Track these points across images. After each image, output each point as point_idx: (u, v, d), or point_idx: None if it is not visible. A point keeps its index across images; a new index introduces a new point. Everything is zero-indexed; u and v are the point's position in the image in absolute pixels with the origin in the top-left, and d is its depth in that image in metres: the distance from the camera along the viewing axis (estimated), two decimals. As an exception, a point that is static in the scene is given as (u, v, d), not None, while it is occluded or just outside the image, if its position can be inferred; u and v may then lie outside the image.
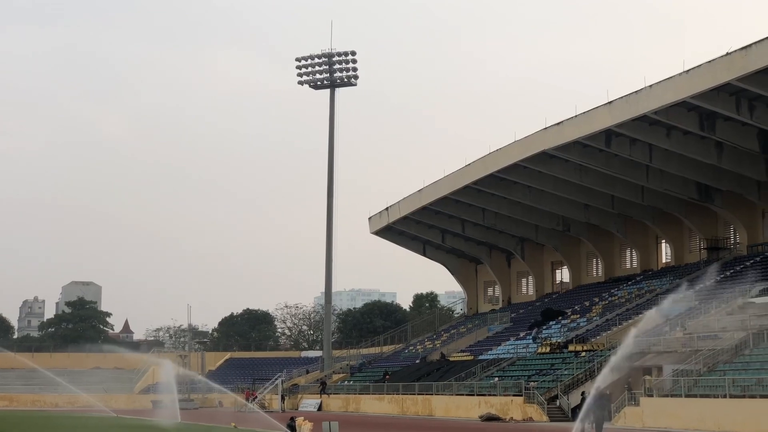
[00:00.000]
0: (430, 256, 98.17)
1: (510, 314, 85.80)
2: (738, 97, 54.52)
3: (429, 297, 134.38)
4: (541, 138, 66.79)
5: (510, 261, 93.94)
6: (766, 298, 56.60)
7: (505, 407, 57.92)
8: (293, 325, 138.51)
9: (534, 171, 71.38)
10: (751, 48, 49.86)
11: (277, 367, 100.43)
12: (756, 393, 42.56)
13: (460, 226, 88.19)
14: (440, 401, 65.62)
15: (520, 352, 69.38)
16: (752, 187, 65.79)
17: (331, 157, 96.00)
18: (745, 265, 66.66)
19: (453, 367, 72.48)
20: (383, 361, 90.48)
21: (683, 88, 54.58)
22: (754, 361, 46.87)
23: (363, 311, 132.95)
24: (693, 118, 57.96)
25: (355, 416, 67.17)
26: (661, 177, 67.27)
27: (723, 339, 51.54)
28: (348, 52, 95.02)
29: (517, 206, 79.66)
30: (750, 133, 58.56)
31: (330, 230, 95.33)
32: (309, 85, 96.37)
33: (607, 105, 60.38)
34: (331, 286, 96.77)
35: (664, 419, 45.96)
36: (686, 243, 75.87)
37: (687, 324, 57.47)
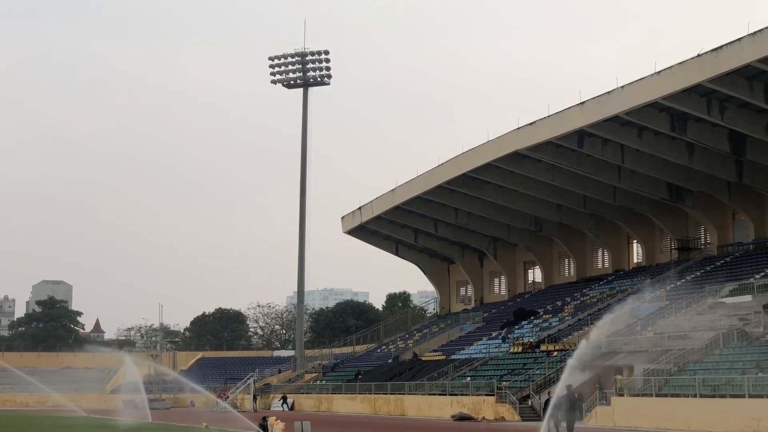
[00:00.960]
0: (403, 256, 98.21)
1: (482, 314, 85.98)
2: (709, 98, 54.87)
3: (402, 296, 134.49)
4: (514, 138, 66.97)
5: (482, 261, 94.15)
6: (735, 298, 57.00)
7: (477, 407, 58.01)
8: (266, 325, 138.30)
9: (507, 171, 71.56)
10: (722, 50, 50.18)
11: (249, 366, 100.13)
12: (726, 393, 42.83)
13: (433, 225, 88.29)
14: (412, 401, 65.65)
15: (493, 352, 69.53)
16: (723, 187, 66.23)
17: (304, 157, 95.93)
18: (716, 265, 67.14)
19: (425, 367, 72.53)
20: (356, 361, 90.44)
21: (655, 89, 54.89)
22: (724, 361, 47.18)
23: (335, 311, 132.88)
24: (664, 119, 58.29)
25: (328, 416, 67.08)
26: (632, 177, 67.62)
27: (693, 339, 51.84)
28: (321, 51, 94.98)
29: (490, 206, 79.84)
30: (721, 134, 58.95)
31: (303, 229, 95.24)
32: (282, 85, 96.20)
33: (579, 105, 60.62)
34: (303, 286, 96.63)
35: (635, 418, 46.17)
36: (657, 243, 76.31)
37: (658, 324, 57.81)
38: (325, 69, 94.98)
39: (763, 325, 49.89)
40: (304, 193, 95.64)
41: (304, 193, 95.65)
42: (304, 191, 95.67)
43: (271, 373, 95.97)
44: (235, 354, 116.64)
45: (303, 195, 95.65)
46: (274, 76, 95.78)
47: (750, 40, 48.51)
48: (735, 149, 59.78)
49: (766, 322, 50.16)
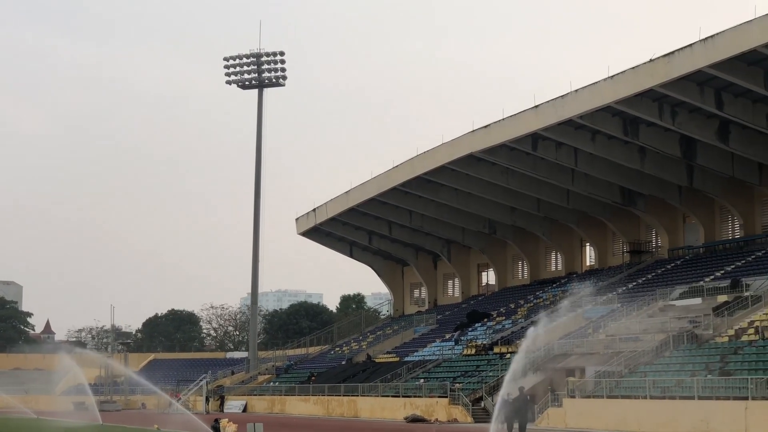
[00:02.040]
0: (357, 258, 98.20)
1: (436, 316, 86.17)
2: (661, 103, 55.45)
3: (355, 298, 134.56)
4: (469, 141, 67.21)
5: (436, 263, 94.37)
6: (686, 300, 57.63)
7: (431, 409, 58.11)
8: (219, 326, 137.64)
9: (461, 173, 71.80)
10: (673, 55, 50.75)
11: (201, 368, 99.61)
12: (676, 394, 43.27)
13: (387, 227, 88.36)
14: (366, 402, 65.63)
15: (446, 354, 69.70)
16: (674, 191, 66.94)
17: (259, 158, 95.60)
18: (666, 268, 67.83)
19: (379, 369, 72.57)
20: (309, 363, 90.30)
21: (608, 93, 55.37)
22: (674, 363, 47.67)
23: (289, 312, 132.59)
24: (617, 123, 58.80)
25: (281, 417, 66.89)
26: (585, 181, 68.14)
27: (644, 341, 52.34)
28: (276, 52, 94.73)
29: (444, 208, 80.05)
30: (672, 138, 59.57)
31: (257, 231, 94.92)
32: (237, 85, 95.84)
33: (533, 109, 60.98)
34: (257, 287, 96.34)
35: (587, 420, 46.50)
36: (610, 246, 76.95)
37: (609, 326, 58.30)
38: (281, 70, 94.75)
39: (713, 328, 50.50)
40: (259, 194, 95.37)
41: (258, 194, 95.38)
42: (258, 192, 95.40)
43: (224, 375, 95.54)
44: (187, 355, 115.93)
45: (257, 196, 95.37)
46: (229, 76, 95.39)
47: (701, 45, 49.09)
48: (686, 154, 60.45)
49: (715, 324, 50.79)
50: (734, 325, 49.96)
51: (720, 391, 41.37)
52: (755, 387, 39.56)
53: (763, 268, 57.98)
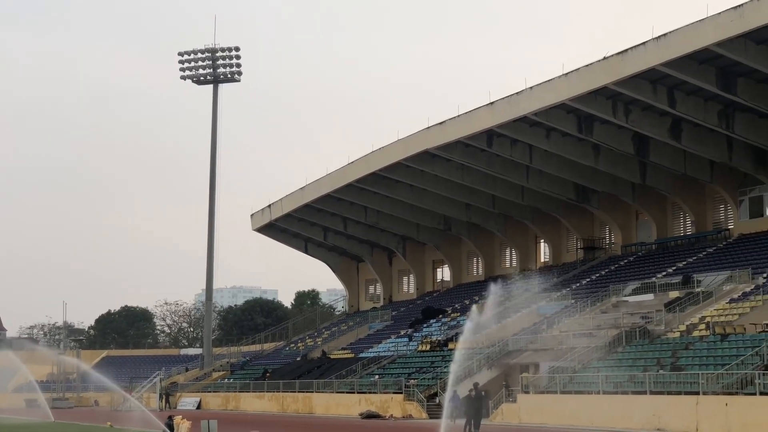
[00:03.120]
0: (312, 254, 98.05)
1: (391, 312, 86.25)
2: (614, 100, 55.85)
3: (311, 294, 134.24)
4: (424, 137, 67.32)
5: (391, 259, 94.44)
6: (638, 296, 58.16)
7: (386, 405, 58.18)
8: (173, 323, 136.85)
9: (416, 170, 71.90)
10: (627, 53, 51.13)
11: (155, 365, 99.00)
12: (628, 389, 43.64)
13: (343, 224, 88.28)
14: (321, 399, 65.58)
15: (401, 350, 69.79)
16: (627, 188, 67.49)
17: (214, 154, 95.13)
18: (620, 264, 68.40)
19: (334, 365, 72.51)
20: (264, 359, 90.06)
21: (562, 90, 55.68)
22: (626, 359, 48.07)
23: (244, 308, 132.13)
24: (572, 120, 59.16)
25: (235, 414, 66.65)
26: (540, 177, 68.50)
27: (597, 337, 52.74)
28: (231, 47, 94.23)
29: (399, 205, 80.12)
30: (626, 136, 60.03)
31: (212, 227, 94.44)
32: (192, 81, 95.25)
33: (488, 105, 61.20)
34: (212, 283, 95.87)
35: (540, 415, 46.77)
36: (564, 243, 77.45)
37: (563, 322, 58.69)
38: (236, 66, 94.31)
39: (665, 323, 51.01)
40: (213, 190, 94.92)
41: (213, 190, 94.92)
42: (213, 188, 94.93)
43: (178, 372, 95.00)
44: (141, 352, 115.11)
45: (212, 192, 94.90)
46: (184, 72, 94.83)
47: (654, 44, 49.52)
48: (639, 151, 60.96)
49: (667, 320, 51.30)
50: (685, 321, 50.50)
51: (671, 386, 41.79)
52: (706, 382, 40.01)
53: (713, 264, 58.66)
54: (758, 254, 57.13)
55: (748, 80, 50.95)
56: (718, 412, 38.49)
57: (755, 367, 39.64)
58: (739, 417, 37.40)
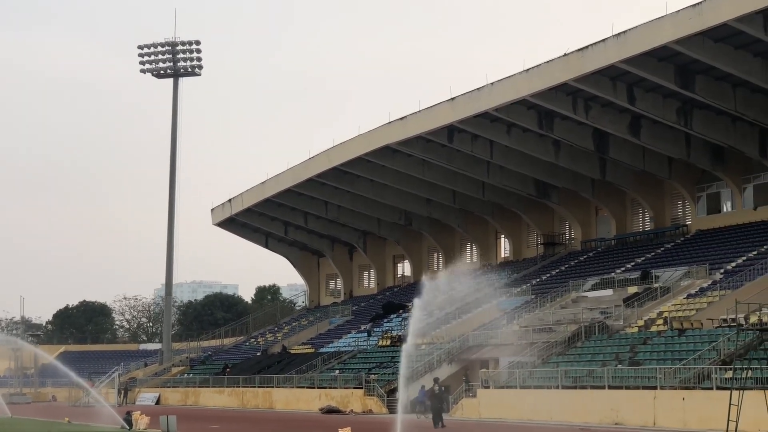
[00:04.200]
0: (273, 249, 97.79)
1: (351, 307, 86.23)
2: (575, 97, 56.15)
3: (271, 289, 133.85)
4: (385, 132, 67.31)
5: (352, 254, 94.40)
6: (597, 292, 58.56)
7: (346, 400, 58.18)
8: (132, 318, 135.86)
9: (377, 165, 71.89)
10: (587, 50, 51.41)
11: (114, 360, 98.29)
12: (587, 384, 43.95)
13: (303, 218, 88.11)
14: (281, 394, 65.45)
15: (361, 345, 69.80)
16: (587, 184, 67.89)
17: (174, 148, 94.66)
18: (579, 260, 68.81)
19: (294, 360, 72.39)
20: (224, 354, 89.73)
21: (523, 86, 55.88)
22: (585, 353, 48.40)
23: (204, 303, 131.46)
24: (532, 116, 59.38)
25: (194, 410, 66.38)
26: (501, 173, 68.73)
27: (556, 332, 53.06)
28: (192, 41, 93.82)
29: (360, 200, 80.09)
30: (585, 132, 60.36)
31: (171, 221, 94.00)
32: (152, 74, 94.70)
33: (450, 101, 61.29)
34: (171, 278, 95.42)
35: (500, 410, 46.96)
36: (524, 238, 77.78)
37: (523, 317, 58.97)
38: (196, 59, 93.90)
39: (623, 319, 51.41)
40: (174, 185, 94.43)
41: (173, 185, 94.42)
42: (173, 182, 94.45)
43: (137, 367, 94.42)
44: (99, 347, 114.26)
45: (172, 186, 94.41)
46: (144, 65, 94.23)
47: (614, 41, 49.82)
48: (599, 147, 61.33)
49: (626, 315, 51.70)
50: (644, 316, 50.94)
51: (629, 380, 42.13)
52: (663, 377, 40.37)
53: (672, 260, 59.20)
54: (715, 250, 57.73)
55: (706, 78, 51.41)
56: (675, 407, 38.86)
57: (712, 361, 40.05)
58: (695, 411, 37.78)
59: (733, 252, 55.91)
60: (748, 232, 58.33)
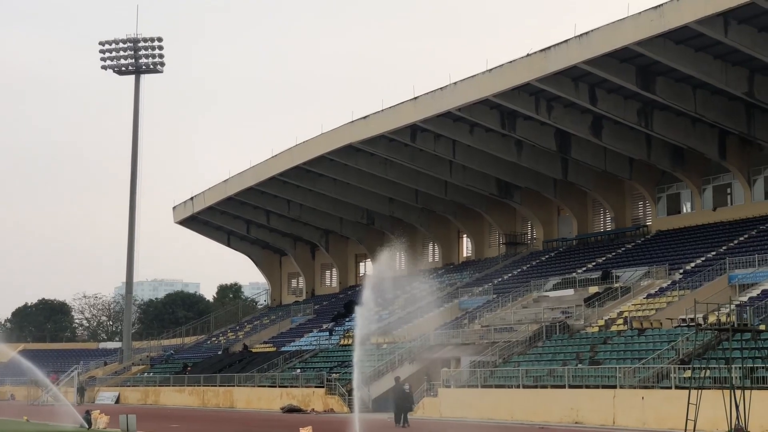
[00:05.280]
0: (235, 247, 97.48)
1: (313, 306, 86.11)
2: (537, 97, 56.38)
3: (233, 288, 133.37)
4: (348, 131, 67.24)
5: (314, 253, 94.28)
6: (559, 291, 58.82)
7: (307, 399, 58.06)
8: (92, 316, 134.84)
9: (340, 164, 71.81)
10: (550, 50, 51.63)
11: (73, 359, 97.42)
12: (547, 383, 44.13)
13: (266, 217, 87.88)
14: (242, 393, 65.20)
15: (323, 344, 69.68)
16: (549, 184, 68.22)
17: (135, 145, 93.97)
18: (541, 260, 69.12)
19: (255, 359, 72.14)
20: (185, 353, 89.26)
21: (486, 86, 56.02)
22: (546, 353, 48.61)
23: (165, 302, 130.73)
24: (495, 116, 59.56)
25: (154, 409, 65.97)
26: (463, 173, 68.89)
27: (518, 332, 53.24)
28: (154, 38, 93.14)
29: (323, 198, 79.97)
30: (548, 132, 60.63)
31: (133, 219, 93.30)
32: (113, 71, 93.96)
33: (413, 100, 61.33)
34: (132, 276, 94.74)
35: (461, 409, 47.01)
36: (486, 238, 78.02)
37: (485, 317, 59.12)
38: (158, 56, 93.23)
39: (584, 318, 51.68)
40: (135, 182, 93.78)
41: (134, 182, 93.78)
42: (134, 180, 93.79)
43: (96, 366, 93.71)
44: (58, 346, 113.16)
45: (133, 184, 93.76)
46: (105, 61, 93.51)
47: (576, 42, 50.07)
48: (561, 147, 61.64)
49: (586, 315, 51.98)
50: (604, 316, 51.23)
51: (590, 379, 42.35)
52: (623, 376, 40.62)
53: (632, 260, 59.61)
54: (675, 250, 58.21)
55: (667, 79, 51.81)
56: (634, 406, 39.11)
57: (671, 361, 40.35)
58: (654, 410, 38.04)
59: (693, 252, 56.40)
60: (707, 233, 58.88)
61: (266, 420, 50.03)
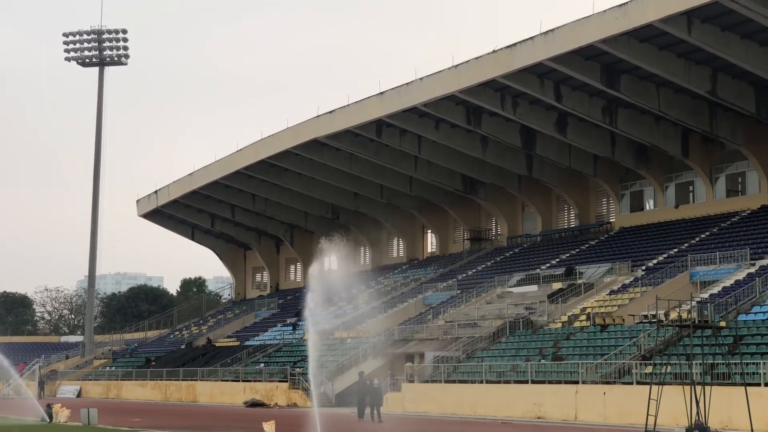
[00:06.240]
0: (199, 241, 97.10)
1: (278, 300, 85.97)
2: (503, 93, 56.55)
3: (197, 282, 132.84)
4: (314, 126, 67.15)
5: (279, 247, 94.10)
6: (522, 287, 59.07)
7: (270, 393, 57.98)
8: (53, 309, 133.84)
9: (305, 158, 71.70)
10: (516, 47, 51.80)
11: (34, 352, 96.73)
12: (510, 378, 44.33)
13: (230, 211, 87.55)
14: (205, 387, 64.99)
15: (287, 338, 69.60)
16: (513, 180, 68.45)
17: (99, 137, 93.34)
18: (505, 255, 69.36)
19: (219, 353, 71.95)
20: (148, 347, 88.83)
21: (452, 82, 56.12)
22: (509, 348, 48.80)
23: (128, 295, 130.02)
24: (460, 112, 59.68)
25: (116, 403, 65.60)
26: (428, 168, 68.99)
27: (482, 327, 53.42)
28: (119, 30, 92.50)
29: (288, 193, 79.83)
30: (513, 128, 60.85)
31: (96, 212, 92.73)
32: (77, 62, 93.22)
33: (378, 95, 61.33)
34: (95, 269, 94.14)
35: (424, 404, 47.15)
36: (451, 233, 78.19)
37: (449, 312, 59.26)
38: (123, 48, 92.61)
39: (547, 314, 51.93)
40: (98, 175, 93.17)
41: (98, 175, 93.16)
42: (98, 173, 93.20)
43: (58, 359, 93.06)
44: (19, 339, 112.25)
45: (97, 177, 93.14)
46: (69, 53, 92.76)
47: (542, 39, 50.27)
48: (526, 144, 61.87)
49: (550, 311, 52.24)
50: (567, 312, 51.52)
51: (552, 375, 42.60)
52: (585, 371, 40.90)
53: (595, 256, 59.97)
54: (638, 247, 58.63)
55: (631, 77, 52.15)
56: (596, 401, 39.39)
57: (632, 357, 40.68)
58: (616, 405, 38.33)
59: (655, 249, 56.83)
60: (670, 230, 59.34)
61: (229, 414, 49.90)
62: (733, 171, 59.08)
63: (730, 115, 54.79)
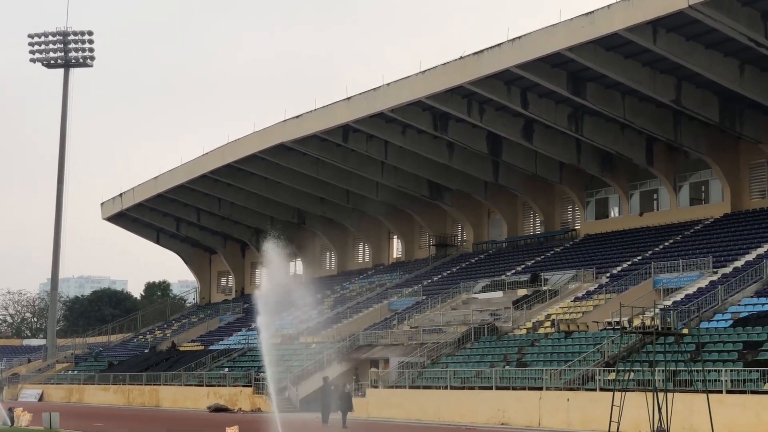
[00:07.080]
0: (164, 245, 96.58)
1: (243, 305, 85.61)
2: (470, 99, 56.72)
3: (161, 286, 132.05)
4: (280, 130, 67.05)
5: (244, 251, 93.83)
6: (488, 294, 59.22)
7: (234, 398, 57.74)
8: (15, 312, 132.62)
9: (271, 162, 71.57)
10: (483, 53, 51.98)
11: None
12: (475, 384, 44.41)
13: (196, 215, 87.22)
14: (168, 392, 64.62)
15: (252, 343, 69.31)
16: (480, 186, 68.66)
17: (63, 139, 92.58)
18: (471, 262, 69.52)
19: (183, 357, 71.57)
20: (111, 351, 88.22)
21: (419, 88, 56.24)
22: (474, 354, 48.90)
23: (91, 299, 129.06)
24: (427, 118, 59.81)
25: (78, 407, 65.09)
26: (395, 174, 69.06)
27: (447, 333, 53.49)
28: (85, 31, 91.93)
29: (254, 197, 79.63)
30: (480, 135, 61.05)
31: (59, 214, 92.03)
32: (42, 64, 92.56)
33: (345, 100, 61.35)
34: (58, 272, 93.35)
35: (389, 410, 47.15)
36: (416, 239, 78.30)
37: (414, 318, 59.30)
38: (89, 50, 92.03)
39: (512, 321, 52.09)
40: (62, 178, 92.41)
41: (61, 178, 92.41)
42: (61, 175, 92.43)
43: (20, 363, 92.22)
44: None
45: (60, 179, 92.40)
46: (34, 54, 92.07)
47: (509, 45, 50.48)
48: (492, 150, 62.09)
49: (515, 317, 52.40)
50: (532, 318, 51.69)
51: (517, 381, 42.72)
52: (549, 378, 41.04)
53: (560, 263, 60.24)
54: (602, 254, 58.98)
55: (597, 85, 52.49)
56: (559, 407, 39.54)
57: (596, 363, 40.87)
58: (579, 412, 38.50)
59: (619, 256, 57.19)
60: (634, 238, 59.72)
61: (192, 419, 49.66)
62: (696, 179, 59.61)
63: (694, 124, 55.27)
